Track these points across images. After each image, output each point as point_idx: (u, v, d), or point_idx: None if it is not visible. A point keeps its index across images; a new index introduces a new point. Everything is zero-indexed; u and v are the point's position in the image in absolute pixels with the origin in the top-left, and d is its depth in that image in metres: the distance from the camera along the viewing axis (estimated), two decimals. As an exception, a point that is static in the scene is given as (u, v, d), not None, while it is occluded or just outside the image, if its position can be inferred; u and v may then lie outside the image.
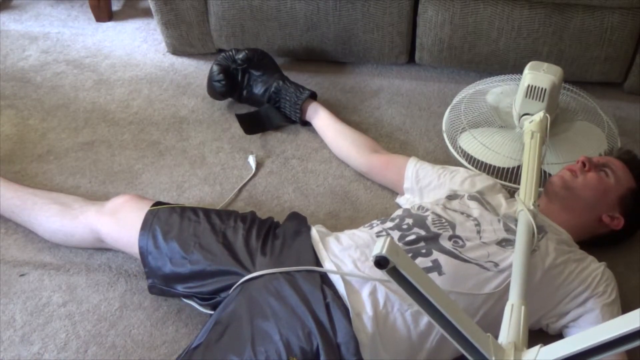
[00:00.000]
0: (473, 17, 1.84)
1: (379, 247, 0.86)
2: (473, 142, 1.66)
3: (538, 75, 1.59)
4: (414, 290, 0.90)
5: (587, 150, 1.59)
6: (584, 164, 1.41)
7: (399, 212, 1.40)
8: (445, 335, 0.93)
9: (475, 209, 1.34)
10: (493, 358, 0.92)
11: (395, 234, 1.27)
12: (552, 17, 1.80)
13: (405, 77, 2.03)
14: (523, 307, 1.05)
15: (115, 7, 2.35)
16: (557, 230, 1.35)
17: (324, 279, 1.20)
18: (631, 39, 1.82)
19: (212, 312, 1.31)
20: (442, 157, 1.74)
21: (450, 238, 1.25)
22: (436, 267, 1.19)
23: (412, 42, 1.98)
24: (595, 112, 1.72)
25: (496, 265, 1.22)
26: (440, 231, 1.27)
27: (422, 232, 1.27)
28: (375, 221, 1.37)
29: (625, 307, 1.29)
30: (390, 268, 0.88)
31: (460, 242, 1.24)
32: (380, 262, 0.87)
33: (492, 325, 1.08)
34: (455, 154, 1.70)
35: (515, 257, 1.17)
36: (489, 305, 1.20)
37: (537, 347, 0.93)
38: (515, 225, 1.28)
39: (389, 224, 1.32)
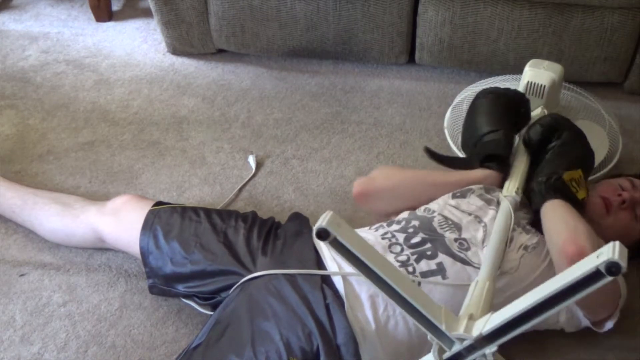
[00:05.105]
0: (473, 17, 1.84)
1: (321, 220, 0.89)
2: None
3: (538, 72, 1.59)
4: (357, 260, 0.93)
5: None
6: (623, 201, 1.34)
7: (404, 214, 1.36)
8: (394, 305, 0.96)
9: (482, 209, 1.33)
10: (443, 326, 0.95)
11: (401, 236, 1.26)
12: (552, 17, 1.80)
13: (405, 77, 2.03)
14: (488, 283, 1.09)
15: (115, 7, 2.35)
16: None
17: (325, 278, 1.20)
18: (631, 39, 1.82)
19: (212, 312, 1.31)
20: (442, 157, 1.74)
21: (455, 240, 1.24)
22: (440, 270, 1.19)
23: (412, 42, 1.97)
24: (597, 110, 1.72)
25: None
26: (446, 233, 1.26)
27: (428, 234, 1.26)
28: (382, 223, 1.35)
29: (626, 307, 1.29)
30: (332, 240, 0.91)
31: (465, 245, 1.24)
32: (321, 234, 0.90)
33: None
34: (457, 150, 1.70)
35: (491, 241, 1.20)
36: None
37: (488, 314, 0.96)
38: (519, 225, 1.28)
39: (395, 227, 1.30)
